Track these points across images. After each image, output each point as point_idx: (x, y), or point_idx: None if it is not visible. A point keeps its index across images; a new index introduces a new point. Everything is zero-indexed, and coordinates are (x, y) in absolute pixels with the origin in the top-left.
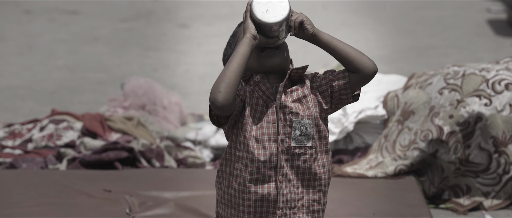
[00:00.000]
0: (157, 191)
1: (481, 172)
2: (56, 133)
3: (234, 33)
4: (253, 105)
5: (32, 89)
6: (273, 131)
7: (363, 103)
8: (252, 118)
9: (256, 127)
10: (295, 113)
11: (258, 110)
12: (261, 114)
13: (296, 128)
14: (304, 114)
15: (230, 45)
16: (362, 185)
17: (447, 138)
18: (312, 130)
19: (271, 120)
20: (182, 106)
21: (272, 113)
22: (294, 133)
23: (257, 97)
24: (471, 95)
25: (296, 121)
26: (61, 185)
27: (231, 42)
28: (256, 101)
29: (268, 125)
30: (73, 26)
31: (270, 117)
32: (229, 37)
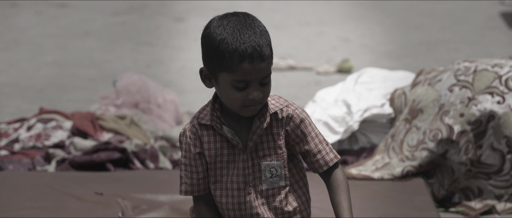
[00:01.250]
0: (151, 194)
1: (494, 174)
2: (44, 133)
3: (211, 51)
4: (217, 150)
5: (19, 86)
6: (242, 179)
7: (369, 101)
8: (215, 167)
9: (221, 175)
10: (262, 155)
11: (225, 154)
12: (227, 160)
13: (265, 170)
14: (273, 155)
15: (207, 61)
16: (367, 187)
17: (457, 138)
18: (283, 171)
19: (241, 167)
20: (177, 104)
21: (242, 160)
22: (264, 176)
23: (221, 142)
24: (483, 93)
25: (264, 164)
26: (50, 187)
27: (208, 60)
28: (220, 146)
29: (238, 172)
30: (62, 20)
31: (240, 164)
32: None
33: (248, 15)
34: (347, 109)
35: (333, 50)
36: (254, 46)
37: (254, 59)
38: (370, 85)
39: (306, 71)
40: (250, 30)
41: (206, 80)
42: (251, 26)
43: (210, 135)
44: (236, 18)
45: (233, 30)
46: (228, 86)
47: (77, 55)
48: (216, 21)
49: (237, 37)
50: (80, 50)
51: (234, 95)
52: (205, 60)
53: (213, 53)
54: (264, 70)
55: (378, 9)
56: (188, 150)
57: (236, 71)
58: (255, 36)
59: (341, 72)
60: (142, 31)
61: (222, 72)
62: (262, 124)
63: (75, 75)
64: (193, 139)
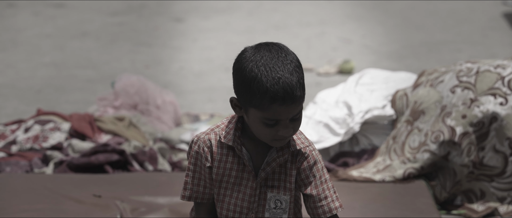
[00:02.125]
0: (150, 196)
1: (496, 176)
2: (42, 135)
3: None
4: (225, 170)
5: (16, 88)
6: (247, 205)
7: (370, 102)
8: (220, 186)
9: (225, 195)
10: (270, 186)
11: (232, 175)
12: (234, 182)
13: (270, 201)
14: (281, 188)
15: (238, 93)
16: (368, 190)
17: (459, 140)
18: (289, 206)
19: (247, 193)
20: (176, 105)
21: (251, 187)
22: (268, 205)
23: (232, 163)
24: (486, 94)
25: (270, 195)
26: (48, 190)
27: (239, 93)
28: (230, 166)
29: (243, 197)
30: (60, 20)
31: (247, 190)
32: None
33: (281, 49)
34: (348, 111)
35: (334, 51)
36: (286, 88)
37: (286, 101)
38: (371, 86)
39: (306, 72)
40: (283, 67)
41: (235, 107)
42: (284, 63)
43: (223, 154)
44: (269, 53)
45: (265, 67)
46: (257, 121)
47: (75, 56)
48: (248, 53)
49: (269, 77)
50: (78, 50)
51: (264, 131)
52: (236, 92)
53: (244, 88)
54: (294, 110)
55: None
56: (199, 159)
57: (267, 111)
58: (287, 75)
59: (342, 73)
60: (141, 31)
61: (252, 108)
62: (279, 158)
63: (73, 76)
64: (205, 152)
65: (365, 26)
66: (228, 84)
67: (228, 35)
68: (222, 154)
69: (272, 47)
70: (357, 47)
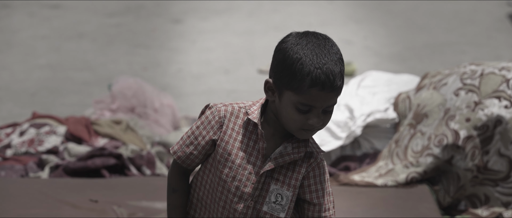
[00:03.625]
0: (147, 201)
1: (501, 181)
2: (37, 138)
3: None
4: (233, 149)
5: (11, 90)
6: (248, 190)
7: (372, 105)
8: (225, 165)
9: (232, 175)
10: (276, 178)
11: (239, 156)
12: (239, 164)
13: (272, 193)
14: (286, 184)
15: (276, 75)
16: (371, 194)
17: (463, 144)
18: (289, 203)
19: (252, 180)
20: (174, 108)
21: (257, 173)
22: (268, 197)
23: (242, 142)
24: (490, 97)
25: (273, 187)
26: (43, 194)
27: (278, 74)
28: (239, 146)
29: (247, 183)
30: (56, 21)
31: (253, 176)
32: (276, 48)
33: (328, 39)
34: (350, 114)
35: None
36: (328, 74)
37: (325, 87)
38: (373, 89)
39: None
40: (328, 56)
41: (268, 91)
42: (330, 52)
43: (234, 130)
44: (316, 40)
45: (311, 52)
46: (290, 105)
47: (71, 58)
48: (294, 37)
49: (314, 61)
50: (74, 52)
51: (294, 116)
52: (274, 73)
53: (285, 69)
54: (331, 100)
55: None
56: (204, 127)
57: (304, 94)
58: (332, 63)
59: None
60: (138, 33)
61: (288, 90)
62: (294, 155)
63: (69, 79)
64: (215, 121)
65: (367, 27)
66: (228, 87)
67: (228, 37)
68: (235, 130)
69: (320, 35)
70: (359, 49)
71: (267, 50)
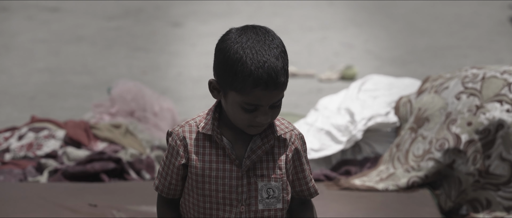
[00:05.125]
0: (147, 206)
1: (503, 185)
2: (36, 142)
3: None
4: (205, 163)
5: (10, 94)
6: (235, 196)
7: (373, 109)
8: (203, 181)
9: (210, 190)
10: (260, 175)
11: (213, 168)
12: (216, 175)
13: (262, 190)
14: (272, 176)
15: (218, 75)
16: (371, 199)
17: (465, 148)
18: (282, 193)
19: (234, 184)
20: (174, 112)
21: (236, 177)
22: (260, 196)
23: (210, 154)
24: (492, 100)
25: (261, 184)
26: (42, 199)
27: (220, 75)
28: (209, 159)
29: (231, 190)
30: (54, 25)
31: (233, 181)
32: None
33: (268, 32)
34: (351, 118)
35: (336, 56)
36: (270, 72)
37: (269, 86)
38: (374, 92)
39: (307, 78)
40: (268, 51)
41: (214, 91)
42: (270, 46)
43: (200, 146)
44: (255, 36)
45: (251, 50)
46: (236, 105)
47: (70, 61)
48: (233, 35)
49: (254, 59)
50: (73, 56)
51: (241, 116)
52: (217, 74)
53: (226, 70)
54: (276, 96)
55: (383, 14)
56: (171, 154)
57: (248, 95)
58: (273, 60)
59: (344, 79)
60: (138, 36)
61: (232, 91)
62: (264, 146)
63: (68, 82)
64: (178, 145)
65: (368, 31)
66: None
67: None
68: (199, 146)
69: (259, 29)
70: (360, 52)
71: None
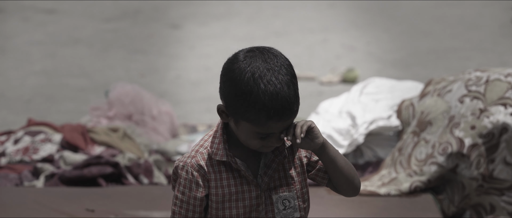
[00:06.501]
0: (145, 211)
1: (507, 190)
2: (32, 146)
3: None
4: (224, 188)
5: (5, 97)
6: (255, 214)
7: (375, 112)
8: (223, 207)
9: (230, 208)
10: (273, 187)
11: (233, 192)
12: (236, 198)
13: (277, 203)
14: (284, 186)
15: (228, 105)
16: (373, 204)
17: (468, 152)
18: (297, 202)
19: (255, 203)
20: (173, 115)
21: (256, 196)
22: (277, 208)
23: (228, 178)
24: (496, 104)
25: (275, 197)
26: (38, 204)
27: (230, 105)
28: (227, 183)
29: (251, 209)
30: (51, 26)
31: (253, 201)
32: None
33: (276, 56)
34: (352, 121)
35: (337, 59)
36: (284, 104)
37: (283, 117)
38: (376, 95)
39: (308, 81)
40: (280, 79)
41: (222, 114)
42: (280, 73)
43: (216, 171)
44: (264, 64)
45: (261, 80)
46: (248, 133)
47: (67, 64)
48: (242, 63)
49: (267, 91)
50: (69, 58)
51: (254, 141)
52: (227, 103)
53: (237, 101)
54: (289, 122)
55: (385, 15)
56: (189, 188)
57: (262, 126)
58: (285, 89)
59: (345, 82)
60: (135, 38)
61: (244, 121)
62: (277, 158)
63: (65, 85)
64: (196, 177)
65: (370, 33)
66: None
67: (227, 42)
68: (216, 172)
69: (267, 54)
70: (361, 54)
71: None
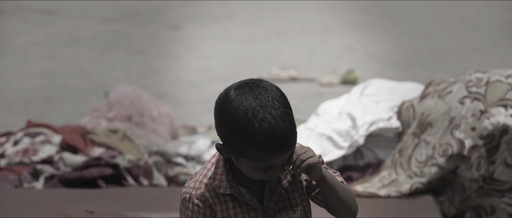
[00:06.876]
0: (145, 212)
1: (507, 191)
2: (31, 148)
3: (228, 140)
4: (231, 216)
5: (5, 98)
6: None
7: (375, 114)
8: None
9: None
10: (277, 210)
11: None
12: None
13: None
14: (288, 208)
15: (226, 144)
16: (374, 205)
17: (469, 153)
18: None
19: None
20: (173, 117)
21: None
22: None
23: (234, 207)
24: (496, 105)
25: None
26: (38, 206)
27: (228, 144)
28: (233, 212)
29: None
30: (50, 28)
31: None
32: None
33: (266, 90)
34: (352, 123)
35: (337, 60)
36: (281, 139)
37: (282, 151)
38: (376, 97)
39: (308, 82)
40: (274, 114)
41: (222, 151)
42: (273, 107)
43: (222, 202)
44: (255, 100)
45: (255, 118)
46: (250, 167)
47: (66, 65)
48: (233, 102)
49: (262, 130)
50: (69, 59)
51: (256, 174)
52: (225, 143)
53: (235, 141)
54: (289, 154)
55: (385, 16)
56: (201, 213)
57: (262, 161)
58: (280, 123)
59: (345, 84)
60: (135, 39)
61: (244, 158)
62: (281, 182)
63: (64, 86)
64: (202, 207)
65: (370, 34)
66: None
67: (227, 43)
68: (221, 202)
69: (257, 90)
70: (362, 56)
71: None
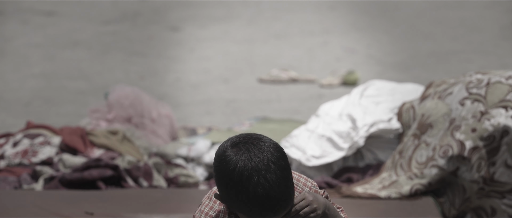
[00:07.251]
0: (145, 214)
1: (508, 193)
2: (31, 149)
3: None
4: None
5: (4, 100)
6: None
7: (376, 115)
8: None
9: None
10: None
11: None
12: None
13: None
14: None
15: (224, 200)
16: (374, 207)
17: (469, 155)
18: None
19: None
20: (172, 118)
21: None
22: None
23: None
24: (497, 106)
25: None
26: (37, 207)
27: (226, 200)
28: None
29: None
30: (50, 29)
31: None
32: None
33: (262, 152)
34: (352, 124)
35: (338, 61)
36: (275, 203)
37: (277, 213)
38: (376, 98)
39: (309, 83)
40: (268, 179)
41: (221, 200)
42: (268, 171)
43: None
44: (250, 162)
45: (249, 183)
46: None
47: (66, 67)
48: (231, 161)
49: (256, 194)
50: (69, 61)
51: None
52: (221, 196)
53: (230, 199)
54: (284, 213)
55: (385, 18)
56: None
57: None
58: (276, 183)
59: (346, 85)
60: (135, 40)
61: (240, 213)
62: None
63: (64, 88)
64: None
65: (370, 35)
66: (227, 96)
67: (227, 45)
68: None
69: (253, 152)
70: (362, 57)
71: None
